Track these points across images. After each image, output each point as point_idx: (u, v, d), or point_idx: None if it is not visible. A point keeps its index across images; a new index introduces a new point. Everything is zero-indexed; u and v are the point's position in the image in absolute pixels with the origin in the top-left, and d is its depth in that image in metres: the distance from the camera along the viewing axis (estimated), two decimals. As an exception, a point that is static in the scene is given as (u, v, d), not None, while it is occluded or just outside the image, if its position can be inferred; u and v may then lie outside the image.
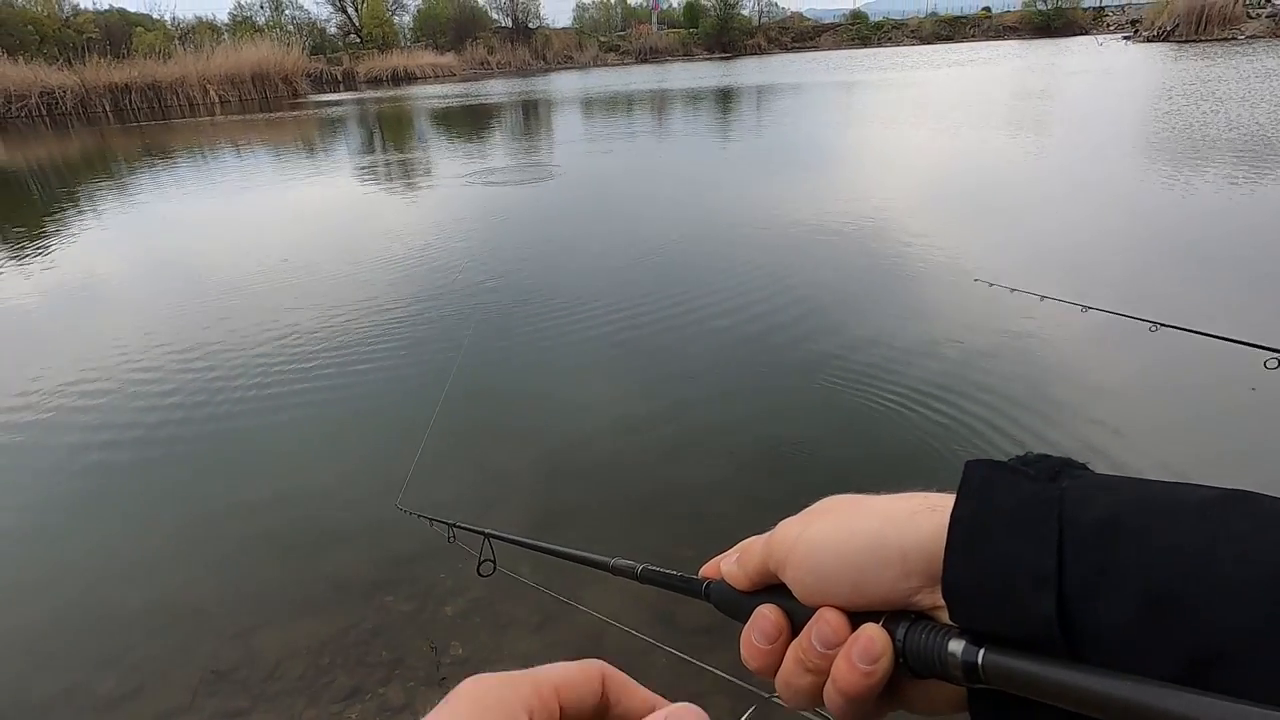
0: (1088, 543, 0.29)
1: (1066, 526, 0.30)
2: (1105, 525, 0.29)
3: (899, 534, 0.34)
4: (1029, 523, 0.31)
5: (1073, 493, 0.31)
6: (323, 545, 2.67)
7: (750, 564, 0.40)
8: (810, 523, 0.38)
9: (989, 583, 0.31)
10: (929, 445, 3.00)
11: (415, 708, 1.99)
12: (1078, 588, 0.29)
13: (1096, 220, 6.13)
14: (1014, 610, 0.30)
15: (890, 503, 0.37)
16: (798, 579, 0.37)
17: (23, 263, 7.03)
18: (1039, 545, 0.30)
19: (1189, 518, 0.28)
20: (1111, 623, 0.28)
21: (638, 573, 0.56)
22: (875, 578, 0.34)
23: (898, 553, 0.34)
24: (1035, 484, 0.32)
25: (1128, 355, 3.63)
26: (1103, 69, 21.40)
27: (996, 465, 0.34)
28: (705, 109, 18.34)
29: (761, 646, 0.38)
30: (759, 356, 3.98)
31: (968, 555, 0.32)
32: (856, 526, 0.36)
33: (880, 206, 6.98)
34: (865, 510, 0.37)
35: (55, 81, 26.63)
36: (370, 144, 15.47)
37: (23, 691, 2.13)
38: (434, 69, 41.65)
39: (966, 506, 0.33)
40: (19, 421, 3.71)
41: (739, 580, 0.41)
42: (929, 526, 0.34)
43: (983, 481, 0.33)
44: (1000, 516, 0.32)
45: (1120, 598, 0.28)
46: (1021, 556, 0.30)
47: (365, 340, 4.47)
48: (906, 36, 56.82)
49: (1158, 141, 9.39)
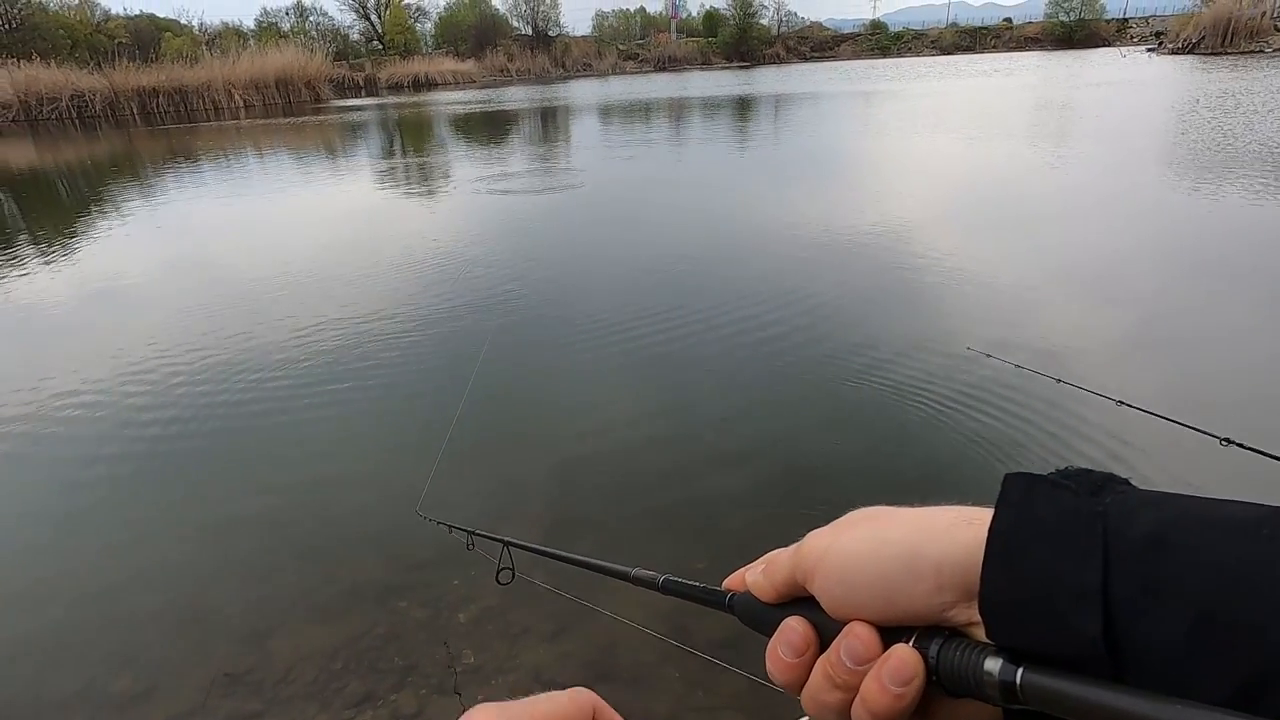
0: (1134, 558, 0.28)
1: (1111, 541, 0.29)
2: (1152, 541, 0.28)
3: (934, 546, 0.33)
4: (1072, 537, 0.30)
5: (1116, 507, 0.30)
6: (338, 550, 2.67)
7: (777, 575, 0.39)
8: (840, 534, 0.37)
9: (1029, 598, 0.30)
10: (957, 459, 2.96)
11: (426, 715, 1.98)
12: (1124, 605, 0.28)
13: (1125, 239, 6.04)
14: (1056, 628, 0.29)
15: (924, 515, 0.36)
16: (827, 591, 0.36)
17: (52, 262, 7.16)
18: (1083, 560, 0.29)
19: (1243, 534, 0.27)
20: (1160, 642, 0.27)
21: (659, 583, 0.55)
22: (908, 591, 0.33)
23: (932, 566, 0.33)
24: (1078, 498, 0.31)
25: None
26: (1128, 80, 21.18)
27: (1037, 478, 0.33)
28: (723, 118, 18.35)
29: (789, 660, 0.37)
30: (777, 368, 3.95)
31: (1007, 569, 0.31)
32: (889, 538, 0.35)
33: (901, 220, 6.93)
34: (898, 522, 0.36)
35: (86, 85, 27.21)
36: (390, 149, 15.63)
37: (40, 688, 2.14)
38: (454, 75, 42.08)
39: (1006, 519, 0.32)
40: (43, 418, 3.76)
41: (765, 591, 0.40)
42: (965, 539, 0.33)
43: (1023, 494, 0.32)
44: (1042, 530, 0.31)
45: (1170, 616, 0.27)
46: (1064, 572, 0.29)
47: (385, 347, 4.49)
48: (926, 47, 56.64)
49: (1196, 155, 9.26)
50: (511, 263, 6.13)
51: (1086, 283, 5.01)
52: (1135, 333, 4.17)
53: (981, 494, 0.34)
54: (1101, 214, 6.76)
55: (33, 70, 26.50)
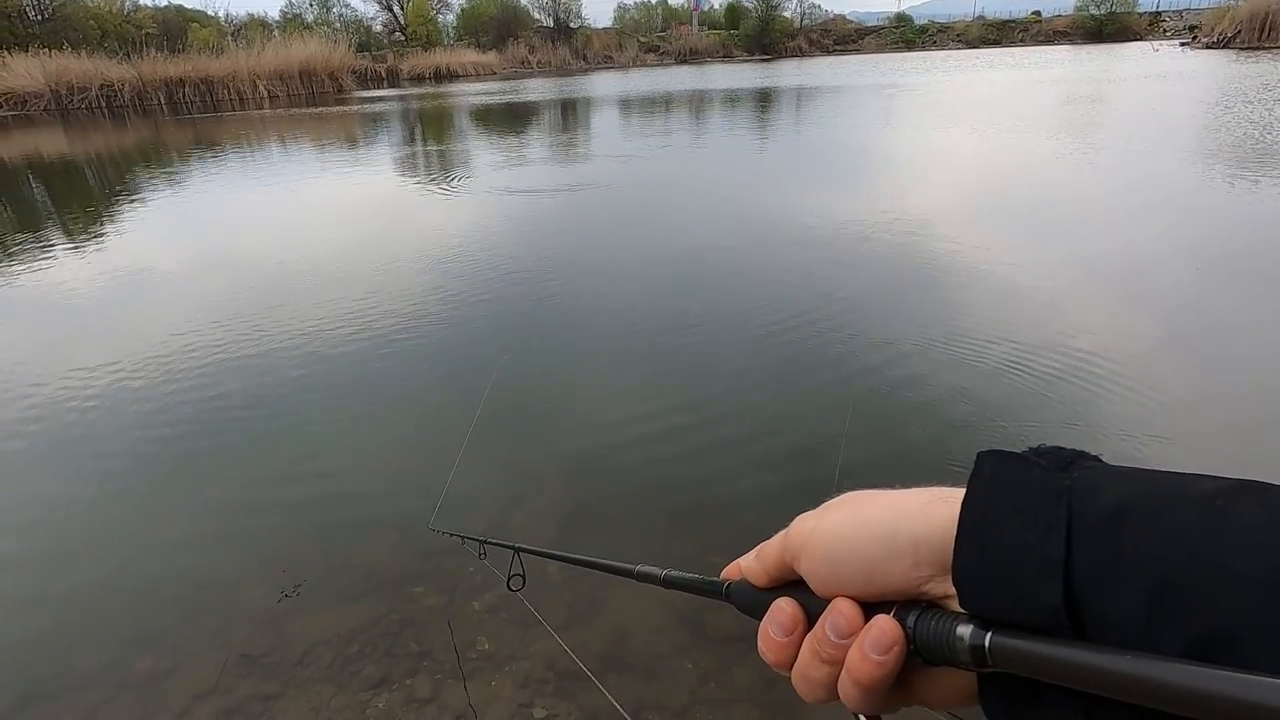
0: (1096, 531, 0.30)
1: (1075, 515, 0.30)
2: (1114, 514, 0.29)
3: (911, 524, 0.35)
4: (1038, 511, 0.31)
5: (1082, 482, 0.31)
6: (356, 538, 2.70)
7: (769, 558, 0.41)
8: (824, 516, 0.39)
9: (998, 570, 0.31)
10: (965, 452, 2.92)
11: (441, 700, 2.00)
12: (1086, 575, 0.29)
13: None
14: (1022, 597, 0.30)
15: (903, 495, 0.37)
16: (812, 570, 0.38)
17: (80, 249, 7.30)
18: (1047, 533, 0.30)
19: (1198, 507, 0.28)
20: (1119, 610, 0.28)
21: (661, 578, 0.58)
22: (888, 568, 0.35)
23: (910, 542, 0.35)
24: (1046, 473, 0.32)
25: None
26: (1166, 74, 20.70)
27: (1008, 455, 0.34)
28: (744, 111, 18.21)
29: (778, 639, 0.39)
30: (794, 370, 3.93)
31: (977, 543, 0.32)
32: (869, 517, 0.37)
33: (922, 217, 6.84)
34: (879, 503, 0.38)
35: (114, 75, 27.61)
36: (411, 142, 15.71)
37: (67, 663, 2.19)
38: (475, 67, 42.17)
39: (977, 495, 0.33)
40: (72, 404, 3.84)
41: (757, 576, 0.42)
42: (940, 516, 0.34)
43: (993, 471, 0.34)
44: (1010, 505, 0.32)
45: (1128, 586, 0.28)
46: (1030, 544, 0.31)
47: (406, 342, 4.53)
48: (952, 40, 55.79)
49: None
50: (529, 260, 6.14)
51: (1119, 280, 4.92)
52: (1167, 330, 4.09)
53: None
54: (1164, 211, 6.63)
55: (64, 60, 26.94)
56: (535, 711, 1.95)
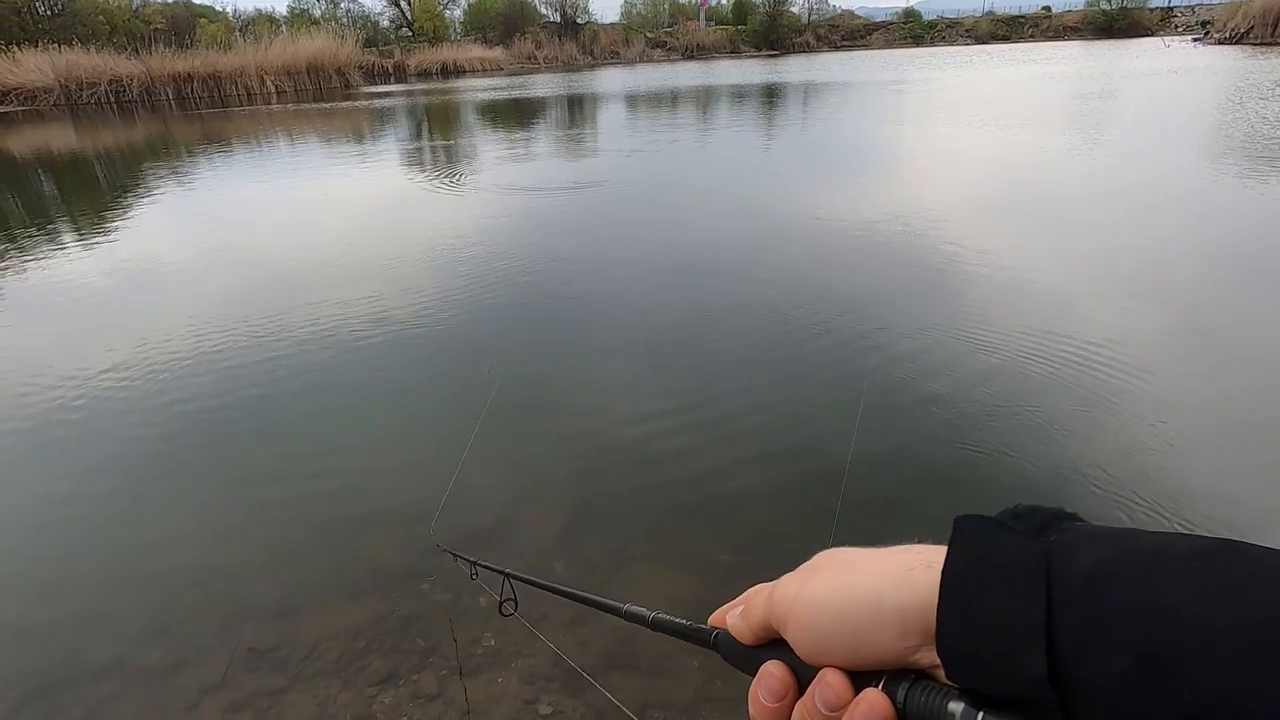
0: (1076, 598, 0.29)
1: (1054, 581, 0.30)
2: (1093, 579, 0.29)
3: (896, 593, 0.34)
4: (1017, 578, 0.31)
5: (1060, 546, 0.31)
6: (363, 533, 2.71)
7: (754, 619, 0.41)
8: (808, 581, 0.39)
9: (981, 641, 0.31)
10: (983, 462, 2.91)
11: (447, 696, 2.01)
12: (1068, 644, 0.29)
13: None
14: (1006, 669, 0.30)
15: (887, 558, 0.37)
16: (799, 639, 0.38)
17: (89, 243, 7.34)
18: (1027, 601, 0.30)
19: (1176, 569, 0.28)
20: (1102, 681, 0.28)
21: (649, 620, 0.58)
22: (874, 638, 0.34)
23: (895, 613, 0.34)
24: (1024, 540, 0.32)
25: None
26: (1182, 69, 20.52)
27: (985, 521, 0.34)
28: (751, 108, 18.15)
29: (769, 705, 0.38)
30: (804, 367, 3.92)
31: (959, 613, 0.32)
32: (853, 585, 0.36)
33: (933, 213, 6.81)
34: (862, 568, 0.37)
35: (123, 70, 27.71)
36: (418, 138, 15.72)
37: (77, 655, 2.21)
38: (482, 63, 42.14)
39: (956, 563, 0.33)
40: (79, 397, 3.86)
41: (743, 635, 0.42)
42: (924, 584, 0.34)
43: (971, 537, 0.33)
44: (989, 572, 0.32)
45: (1111, 654, 0.27)
46: (1011, 613, 0.30)
47: (417, 334, 4.54)
48: (961, 36, 55.43)
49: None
50: (536, 257, 6.14)
51: (1132, 277, 4.89)
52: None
53: (983, 503, 0.34)
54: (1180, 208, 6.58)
55: (73, 55, 27.04)
56: (540, 708, 1.96)
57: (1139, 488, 2.66)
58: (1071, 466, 2.82)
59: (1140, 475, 2.74)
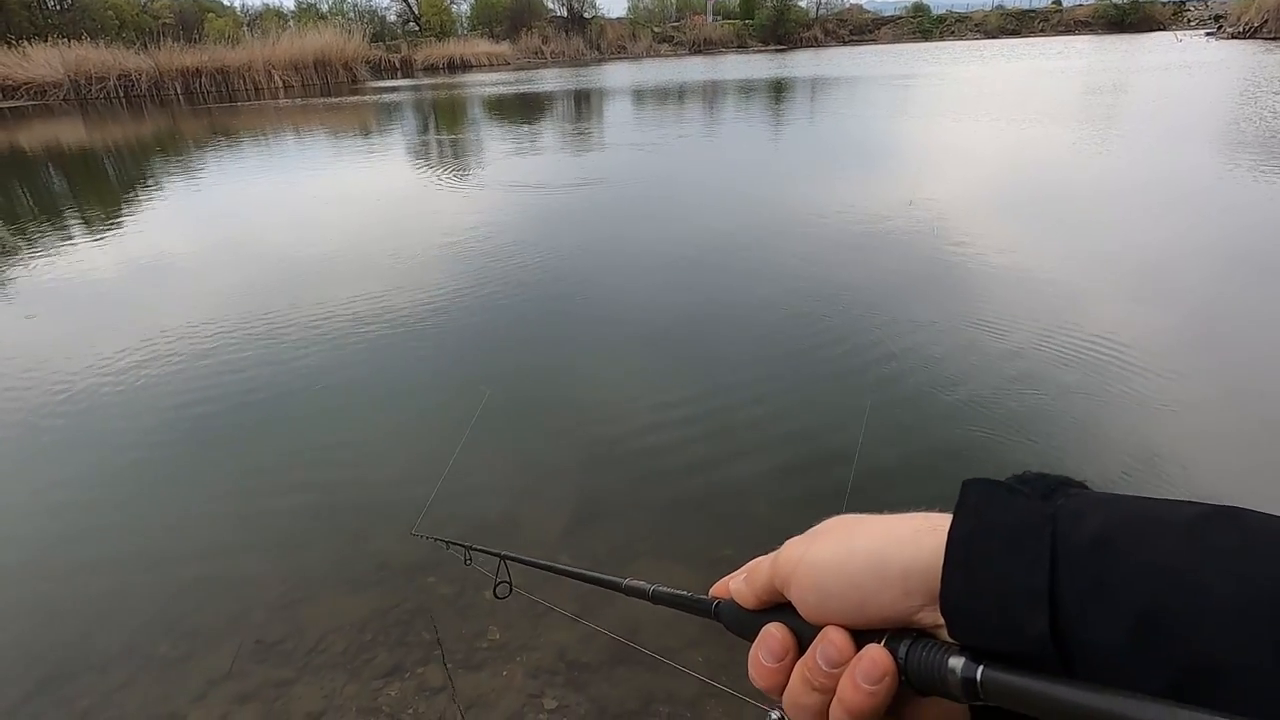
0: (1080, 560, 0.30)
1: (1059, 544, 0.30)
2: (1097, 542, 0.30)
3: (900, 553, 0.35)
4: (1023, 540, 0.31)
5: (1066, 510, 0.31)
6: (369, 526, 2.72)
7: (757, 583, 0.41)
8: (813, 542, 0.39)
9: (985, 600, 0.31)
10: (989, 449, 2.90)
11: (453, 689, 2.02)
12: (1071, 605, 0.29)
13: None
14: (1009, 627, 0.30)
15: (892, 522, 0.37)
16: (802, 598, 0.38)
17: (97, 237, 7.38)
18: (1032, 562, 0.30)
19: (1178, 534, 0.28)
20: (1104, 640, 0.28)
21: (649, 594, 0.58)
22: (878, 597, 0.35)
23: (899, 572, 0.35)
24: (1030, 501, 0.33)
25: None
26: (1187, 64, 20.31)
27: (993, 484, 0.34)
28: (759, 103, 18.06)
29: (769, 665, 0.39)
30: (810, 362, 3.91)
31: (965, 573, 0.32)
32: (859, 546, 0.36)
33: (943, 211, 6.77)
34: (867, 530, 0.37)
35: (132, 65, 27.78)
36: (425, 132, 15.72)
37: (87, 646, 2.23)
38: (489, 57, 42.03)
39: (963, 525, 0.33)
40: (87, 390, 3.89)
41: (746, 599, 0.42)
42: (929, 545, 0.34)
43: (979, 500, 0.34)
44: (995, 534, 0.32)
45: (1112, 615, 0.28)
46: (1015, 574, 0.31)
47: (422, 327, 4.55)
48: (970, 31, 54.99)
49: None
50: (539, 252, 6.14)
51: (1145, 276, 4.85)
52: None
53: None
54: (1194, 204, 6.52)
55: (82, 50, 27.12)
56: (546, 702, 1.96)
57: (1151, 478, 2.65)
58: (1085, 461, 2.80)
59: (1151, 472, 2.73)
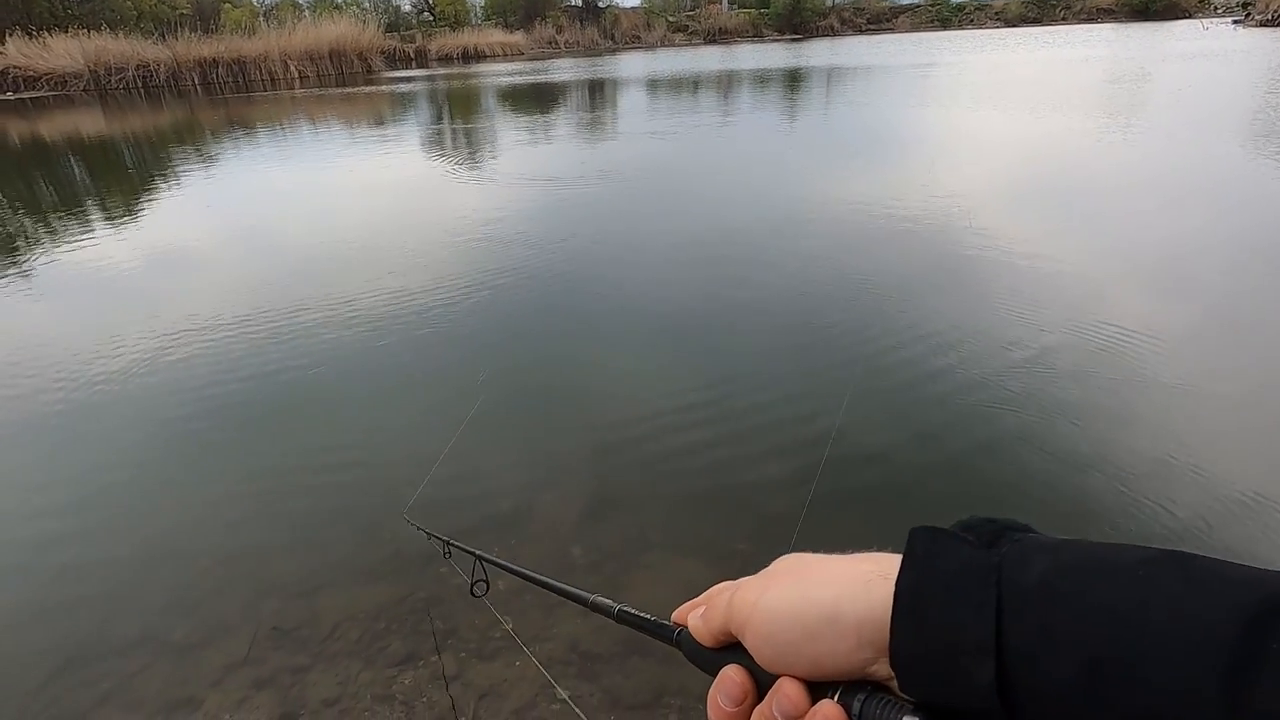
0: (1026, 607, 0.29)
1: (1005, 592, 0.30)
2: (1042, 589, 0.29)
3: (854, 605, 0.34)
4: (968, 590, 0.31)
5: (1011, 557, 0.31)
6: (384, 516, 2.74)
7: (713, 624, 0.41)
8: (767, 588, 0.38)
9: (933, 653, 0.31)
10: (1005, 459, 2.87)
11: (466, 678, 2.03)
12: (1017, 654, 0.29)
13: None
14: (958, 680, 0.30)
15: (845, 567, 0.37)
16: (758, 648, 0.38)
17: (117, 226, 7.45)
18: (978, 612, 0.30)
19: (1123, 578, 0.28)
20: (1050, 687, 0.28)
21: (614, 613, 0.57)
22: (831, 649, 0.34)
23: (853, 625, 0.34)
24: (975, 550, 0.32)
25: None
26: (1213, 53, 19.89)
27: (938, 532, 0.34)
28: (774, 93, 17.89)
29: (727, 709, 0.38)
30: (822, 362, 3.88)
31: (912, 626, 0.32)
32: (812, 595, 0.36)
33: (962, 202, 6.68)
34: (820, 576, 0.37)
35: (150, 56, 27.98)
36: (439, 122, 15.72)
37: (106, 630, 2.26)
38: (503, 47, 41.92)
39: (909, 576, 0.33)
40: (104, 378, 3.93)
41: (704, 637, 0.42)
42: (880, 596, 0.34)
43: (925, 550, 0.33)
44: (941, 585, 0.32)
45: (1058, 662, 0.28)
46: (962, 625, 0.30)
47: (432, 318, 4.56)
48: (990, 19, 54.13)
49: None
50: (547, 245, 6.13)
51: (1160, 270, 4.77)
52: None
53: (994, 492, 0.34)
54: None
55: (101, 41, 27.36)
56: (557, 693, 1.97)
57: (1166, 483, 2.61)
58: (1098, 456, 2.77)
59: (1163, 468, 2.69)
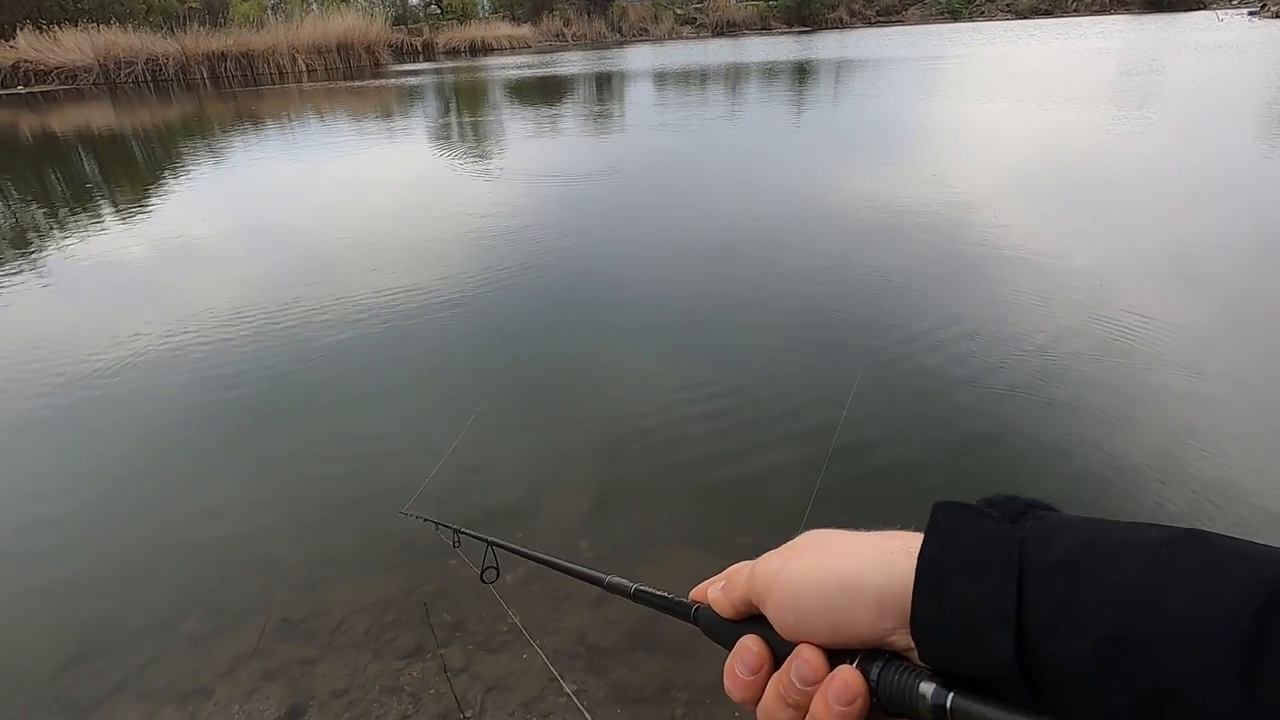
0: (1047, 583, 0.30)
1: (1027, 567, 0.30)
2: (1064, 565, 0.30)
3: (876, 577, 0.35)
4: (991, 564, 0.31)
5: (1034, 533, 0.32)
6: (392, 509, 2.74)
7: (734, 594, 0.41)
8: (790, 559, 0.39)
9: (954, 624, 0.31)
10: (1019, 449, 2.85)
11: (473, 670, 2.03)
12: (1037, 627, 0.29)
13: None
14: (977, 651, 0.30)
15: (868, 542, 0.37)
16: (778, 616, 0.38)
17: (127, 219, 7.49)
18: (1000, 586, 0.31)
19: (1143, 557, 0.29)
20: (1069, 661, 0.28)
21: (630, 592, 0.58)
22: (852, 618, 0.35)
23: (874, 595, 0.34)
24: (998, 525, 0.33)
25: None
26: (1228, 45, 19.63)
27: (962, 507, 0.34)
28: (782, 85, 17.79)
29: (744, 677, 0.39)
30: (830, 357, 3.86)
31: (934, 597, 0.32)
32: (835, 566, 0.36)
33: (960, 196, 6.63)
34: (843, 549, 0.37)
35: (159, 49, 28.05)
36: (446, 115, 15.71)
37: (119, 623, 2.28)
38: (510, 40, 41.80)
39: (933, 548, 0.33)
40: (114, 371, 3.96)
41: (724, 608, 0.42)
42: (903, 569, 0.34)
43: (949, 524, 0.34)
44: (964, 558, 0.32)
45: (1077, 637, 0.28)
46: (983, 597, 0.31)
47: (442, 312, 4.57)
48: (1001, 11, 53.56)
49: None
50: (554, 240, 6.12)
51: (1172, 265, 4.72)
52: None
53: (1001, 485, 0.34)
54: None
55: (111, 35, 27.45)
56: (566, 685, 1.97)
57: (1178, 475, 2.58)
58: (1105, 455, 2.74)
59: (1176, 466, 2.66)
